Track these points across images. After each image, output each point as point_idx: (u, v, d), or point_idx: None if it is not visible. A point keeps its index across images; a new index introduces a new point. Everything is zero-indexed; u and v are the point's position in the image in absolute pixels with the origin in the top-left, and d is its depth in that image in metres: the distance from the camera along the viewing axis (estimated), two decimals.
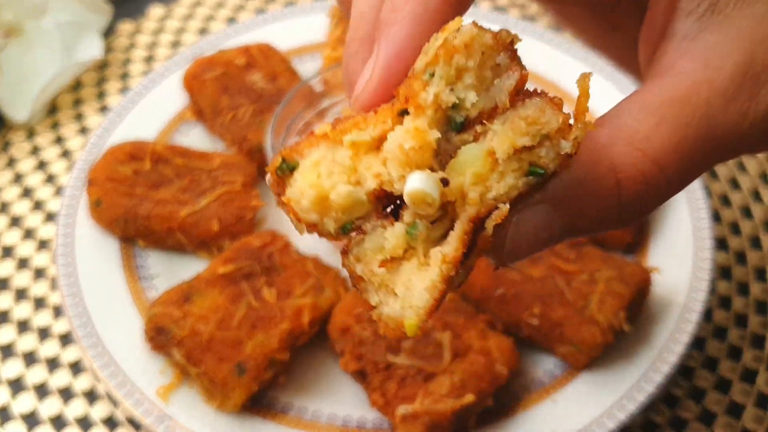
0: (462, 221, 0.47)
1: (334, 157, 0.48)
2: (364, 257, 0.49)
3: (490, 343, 0.87)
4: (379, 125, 0.48)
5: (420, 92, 0.47)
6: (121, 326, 0.94)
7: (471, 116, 0.47)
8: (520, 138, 0.46)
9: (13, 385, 0.97)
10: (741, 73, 0.53)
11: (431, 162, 0.47)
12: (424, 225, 0.48)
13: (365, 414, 0.89)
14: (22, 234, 1.11)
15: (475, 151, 0.47)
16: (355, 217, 0.49)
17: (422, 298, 0.47)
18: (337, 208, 0.48)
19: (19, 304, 1.04)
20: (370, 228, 0.49)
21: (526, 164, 0.47)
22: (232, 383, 0.85)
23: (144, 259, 1.02)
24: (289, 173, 0.49)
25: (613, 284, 0.90)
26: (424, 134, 0.46)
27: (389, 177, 0.47)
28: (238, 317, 0.90)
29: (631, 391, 0.88)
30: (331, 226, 0.49)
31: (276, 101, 1.11)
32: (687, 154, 0.52)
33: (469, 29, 0.47)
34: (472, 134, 0.48)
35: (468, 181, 0.47)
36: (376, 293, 0.49)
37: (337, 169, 0.48)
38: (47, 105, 1.26)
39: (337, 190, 0.48)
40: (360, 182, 0.48)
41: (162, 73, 1.20)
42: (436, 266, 0.47)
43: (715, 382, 0.97)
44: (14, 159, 1.20)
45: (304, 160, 0.49)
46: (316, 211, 0.49)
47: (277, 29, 1.27)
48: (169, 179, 1.03)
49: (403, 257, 0.48)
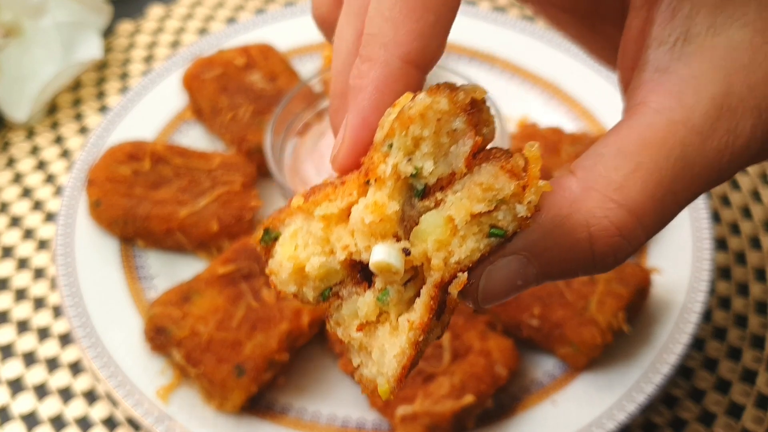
0: (428, 286, 0.49)
1: (309, 228, 0.50)
2: (343, 322, 0.51)
3: (489, 344, 0.87)
4: (346, 197, 0.50)
5: (379, 164, 0.49)
6: (120, 326, 0.94)
7: (431, 183, 0.49)
8: (476, 204, 0.48)
9: (13, 386, 0.97)
10: (717, 107, 0.51)
11: (396, 230, 0.49)
12: (395, 290, 0.50)
13: (364, 415, 0.89)
14: (21, 234, 1.11)
15: (435, 218, 0.48)
16: (331, 284, 0.51)
17: (391, 366, 0.49)
18: (314, 278, 0.50)
19: (18, 305, 1.04)
20: (346, 294, 0.51)
21: (486, 227, 0.48)
22: (231, 384, 0.85)
23: (143, 259, 1.02)
24: (272, 242, 0.52)
25: (613, 285, 0.90)
26: (383, 208, 0.48)
27: (356, 248, 0.49)
28: (238, 318, 0.90)
29: (630, 392, 0.88)
30: (310, 295, 0.51)
31: (275, 101, 1.11)
32: (663, 199, 0.51)
33: (422, 99, 0.48)
34: (433, 200, 0.49)
35: (430, 247, 0.48)
36: (357, 355, 0.51)
37: (312, 240, 0.50)
38: (47, 105, 1.26)
39: (311, 263, 0.50)
40: (333, 252, 0.50)
41: (161, 73, 1.20)
42: (403, 333, 0.49)
43: (715, 383, 0.97)
44: (14, 159, 1.20)
45: (284, 229, 0.51)
46: (295, 282, 0.51)
47: (277, 29, 1.27)
48: (168, 179, 1.03)
49: (378, 321, 0.50)
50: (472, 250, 0.48)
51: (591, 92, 1.18)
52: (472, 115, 0.49)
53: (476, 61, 1.24)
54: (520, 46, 1.24)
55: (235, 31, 1.26)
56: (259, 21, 1.28)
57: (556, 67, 1.21)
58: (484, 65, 1.24)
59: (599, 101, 1.17)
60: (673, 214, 0.52)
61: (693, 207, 1.03)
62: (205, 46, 1.23)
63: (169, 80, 1.19)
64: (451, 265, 0.48)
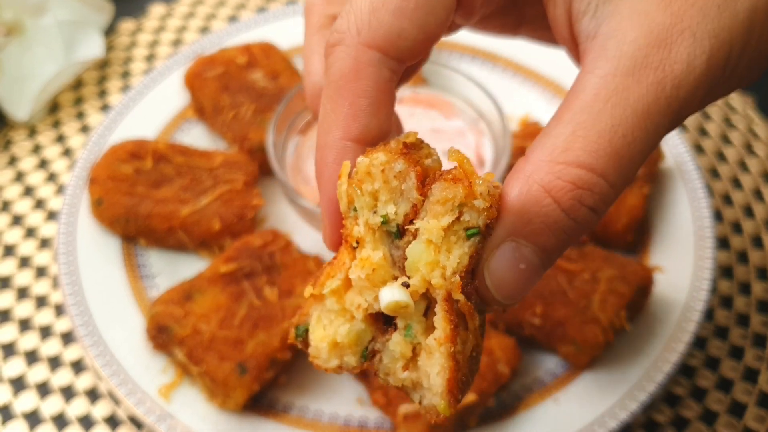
0: (439, 303, 0.54)
1: (326, 308, 0.57)
2: (389, 371, 0.56)
3: (492, 342, 0.87)
4: (342, 268, 0.57)
5: (353, 228, 0.57)
6: (122, 325, 0.94)
7: (401, 222, 0.56)
8: (443, 218, 0.54)
9: (15, 384, 0.97)
10: (643, 46, 0.54)
11: (391, 273, 0.56)
12: (416, 322, 0.55)
13: (367, 413, 0.89)
14: (23, 233, 1.11)
15: (417, 247, 0.54)
16: (366, 344, 0.57)
17: (437, 383, 0.54)
18: (348, 345, 0.57)
19: (20, 303, 1.04)
20: (380, 347, 0.57)
21: (461, 232, 0.54)
22: (233, 382, 0.85)
23: (145, 258, 1.02)
24: (305, 336, 0.59)
25: (615, 283, 0.90)
26: (370, 260, 0.55)
27: (367, 302, 0.56)
28: (240, 316, 0.90)
29: (632, 391, 0.88)
30: (353, 362, 0.57)
31: (277, 100, 1.11)
32: (612, 145, 0.53)
33: (361, 161, 0.56)
34: (410, 235, 0.55)
35: (425, 271, 0.54)
36: (415, 393, 0.56)
37: (332, 315, 0.57)
38: (48, 103, 1.26)
39: (340, 333, 0.56)
40: (353, 317, 0.57)
41: (163, 72, 1.20)
42: (436, 351, 0.54)
43: (717, 382, 0.97)
44: (15, 157, 1.20)
45: (310, 319, 0.58)
46: (335, 356, 0.57)
47: (279, 28, 1.27)
48: (170, 178, 1.03)
49: (415, 355, 0.55)
50: (461, 256, 0.54)
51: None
52: (409, 155, 0.56)
53: (478, 59, 1.24)
54: (521, 44, 1.24)
55: (237, 29, 1.26)
56: (261, 19, 1.28)
57: (558, 65, 1.21)
58: (486, 64, 1.24)
59: None
60: (632, 156, 0.54)
61: (695, 206, 1.03)
62: (207, 45, 1.23)
63: (171, 79, 1.19)
64: (450, 278, 0.54)
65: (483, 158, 1.04)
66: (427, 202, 0.55)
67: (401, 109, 1.10)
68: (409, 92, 1.11)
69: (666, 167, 1.07)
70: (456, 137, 1.07)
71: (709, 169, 1.19)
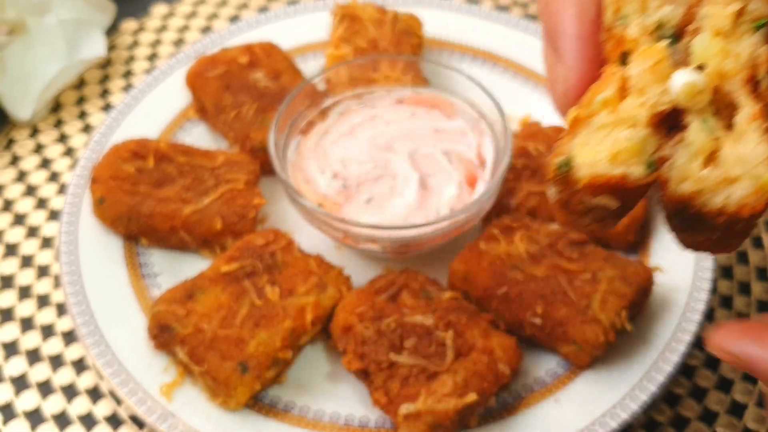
0: (737, 88, 0.50)
1: (596, 125, 0.52)
2: (685, 173, 0.50)
3: (492, 342, 0.88)
4: (611, 83, 0.52)
5: (624, 33, 0.53)
6: (124, 324, 0.95)
7: (675, 24, 0.53)
8: (728, 7, 0.51)
9: (17, 383, 0.97)
10: None
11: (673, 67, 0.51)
12: (709, 117, 0.51)
13: (368, 413, 0.90)
14: (25, 232, 1.12)
15: (702, 39, 0.51)
16: (649, 155, 0.51)
17: (756, 154, 0.49)
18: (630, 153, 0.51)
19: (22, 302, 1.04)
20: (670, 152, 0.51)
21: (747, 25, 0.51)
22: (235, 381, 0.86)
23: (147, 257, 1.02)
24: (568, 169, 0.52)
25: (616, 283, 0.90)
26: (654, 48, 0.51)
27: (654, 98, 0.51)
28: (241, 315, 0.90)
29: (633, 390, 0.88)
30: (638, 172, 0.51)
31: (279, 100, 1.11)
32: None
33: None
34: (689, 36, 0.52)
35: (717, 60, 0.50)
36: (716, 195, 0.50)
37: (607, 130, 0.52)
38: (50, 103, 1.26)
39: (621, 141, 0.51)
40: (634, 124, 0.51)
41: (165, 72, 1.20)
42: (747, 128, 0.50)
43: (717, 382, 0.97)
44: (17, 157, 1.20)
45: (572, 148, 0.53)
46: (619, 165, 0.51)
47: (280, 28, 1.27)
48: (172, 177, 1.04)
49: (714, 152, 0.50)
50: (754, 45, 0.51)
51: None
52: None
53: (479, 59, 1.24)
54: (522, 45, 1.24)
55: (239, 29, 1.26)
56: (263, 19, 1.28)
57: None
58: (487, 64, 1.24)
59: None
60: None
61: None
62: (209, 45, 1.24)
63: (173, 78, 1.19)
64: (744, 62, 0.50)
65: (484, 158, 1.04)
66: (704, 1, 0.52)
67: (402, 109, 1.11)
68: (411, 92, 1.12)
69: None
70: (458, 137, 1.07)
71: None
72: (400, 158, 1.04)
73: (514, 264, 0.94)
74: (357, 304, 0.91)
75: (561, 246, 0.95)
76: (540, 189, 1.03)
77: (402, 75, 1.12)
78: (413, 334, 0.87)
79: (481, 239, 0.98)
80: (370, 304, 0.90)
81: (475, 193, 1.01)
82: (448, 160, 1.04)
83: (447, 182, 1.01)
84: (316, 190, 1.02)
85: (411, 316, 0.89)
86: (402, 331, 0.88)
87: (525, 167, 1.05)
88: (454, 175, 1.02)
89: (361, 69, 1.11)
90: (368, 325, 0.88)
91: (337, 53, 1.17)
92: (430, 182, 1.02)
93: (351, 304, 0.91)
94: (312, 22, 1.28)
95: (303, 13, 1.29)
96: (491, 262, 0.94)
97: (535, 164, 1.05)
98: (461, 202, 1.00)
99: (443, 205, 0.99)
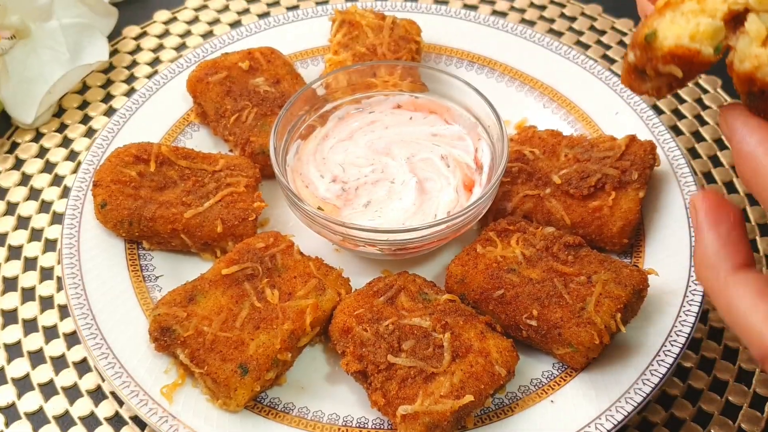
0: None
1: (683, 10, 0.63)
2: (745, 54, 0.61)
3: (489, 344, 0.89)
4: None
5: None
6: (125, 326, 0.95)
7: None
8: None
9: (19, 384, 0.98)
10: None
11: None
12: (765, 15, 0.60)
13: (366, 414, 0.91)
14: (28, 235, 1.13)
15: None
16: (719, 41, 0.62)
17: None
18: (706, 37, 0.62)
19: (25, 304, 1.05)
20: (733, 42, 0.62)
21: None
22: (235, 383, 0.86)
23: (148, 260, 1.03)
24: (654, 38, 0.63)
25: (610, 286, 0.91)
26: None
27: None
28: (241, 318, 0.91)
29: (627, 392, 0.89)
30: (708, 51, 0.62)
31: (279, 104, 1.12)
32: None
33: None
34: None
35: None
36: None
37: (691, 15, 0.63)
38: (53, 107, 1.27)
39: (700, 24, 0.62)
40: (713, 15, 0.62)
41: (167, 76, 1.21)
42: None
43: (711, 383, 0.98)
44: (21, 160, 1.21)
45: (660, 23, 0.63)
46: (695, 42, 0.62)
47: (281, 33, 1.28)
48: (173, 181, 1.05)
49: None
50: None
51: (588, 96, 1.19)
52: None
53: (476, 65, 1.25)
54: (518, 51, 1.26)
55: (240, 34, 1.27)
56: (263, 25, 1.29)
57: (554, 71, 1.22)
58: (484, 69, 1.25)
59: (596, 104, 1.18)
60: None
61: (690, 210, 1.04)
62: (210, 50, 1.25)
63: (174, 83, 1.20)
64: None
65: (481, 162, 1.05)
66: None
67: (401, 113, 1.12)
68: (409, 97, 1.13)
69: (661, 171, 1.08)
70: (455, 141, 1.08)
71: (704, 172, 1.20)
72: (398, 162, 1.05)
73: (510, 267, 0.95)
74: (355, 306, 0.91)
75: (556, 249, 0.96)
76: (536, 192, 1.04)
77: (400, 80, 1.13)
78: (411, 336, 0.88)
79: (478, 242, 0.99)
80: (369, 307, 0.91)
81: (472, 196, 1.02)
82: (445, 165, 1.05)
83: (444, 186, 1.02)
84: (315, 193, 1.03)
85: (409, 318, 0.90)
86: (400, 333, 0.89)
87: (521, 171, 1.06)
88: (451, 179, 1.03)
89: (360, 74, 1.12)
90: (366, 327, 0.89)
91: (336, 58, 1.19)
92: (427, 186, 1.03)
93: (349, 306, 0.92)
94: (312, 28, 1.29)
95: (303, 19, 1.30)
96: (488, 265, 0.96)
97: (531, 168, 1.06)
98: (458, 205, 1.01)
99: (440, 208, 1.00)
